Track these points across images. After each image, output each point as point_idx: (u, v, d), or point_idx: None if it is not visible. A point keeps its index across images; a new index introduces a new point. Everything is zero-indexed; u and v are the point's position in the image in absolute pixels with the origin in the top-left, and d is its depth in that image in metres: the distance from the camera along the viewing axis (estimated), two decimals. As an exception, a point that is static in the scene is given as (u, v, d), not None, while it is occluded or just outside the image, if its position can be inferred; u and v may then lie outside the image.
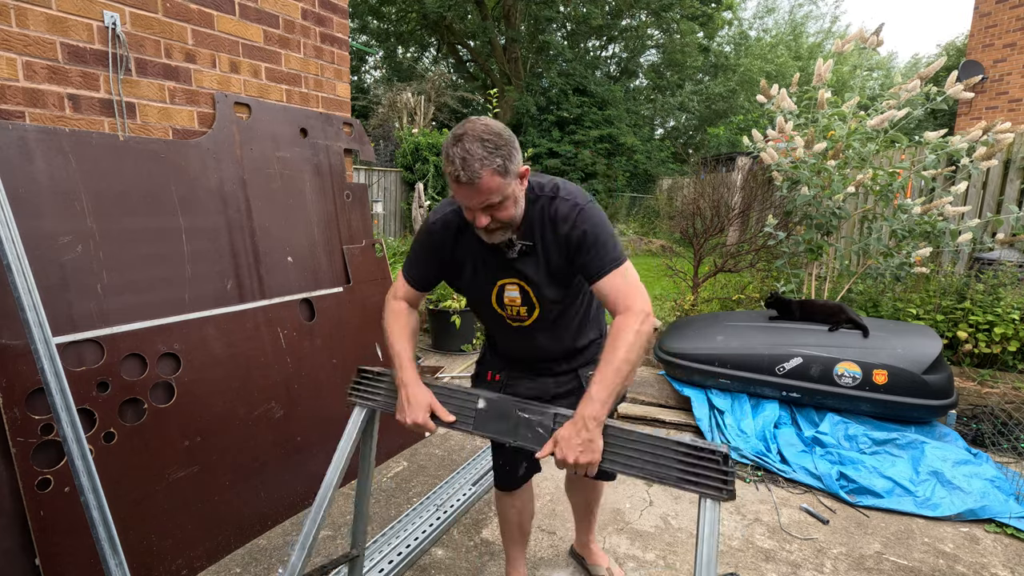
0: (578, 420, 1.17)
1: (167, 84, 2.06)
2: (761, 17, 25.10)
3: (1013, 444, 2.85)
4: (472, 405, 1.34)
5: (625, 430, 1.16)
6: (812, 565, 2.08)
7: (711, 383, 3.18)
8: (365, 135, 2.91)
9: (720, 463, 1.08)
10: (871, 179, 3.48)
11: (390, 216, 10.37)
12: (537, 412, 1.25)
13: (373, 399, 1.49)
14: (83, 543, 1.65)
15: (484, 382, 1.65)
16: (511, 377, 1.62)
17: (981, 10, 7.30)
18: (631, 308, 1.26)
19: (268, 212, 2.37)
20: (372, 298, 2.84)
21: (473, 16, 17.44)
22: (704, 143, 17.56)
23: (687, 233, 4.68)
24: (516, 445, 1.26)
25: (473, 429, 1.32)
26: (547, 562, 2.07)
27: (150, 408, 1.87)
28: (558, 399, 1.55)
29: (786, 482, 2.66)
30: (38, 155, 1.68)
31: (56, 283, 1.69)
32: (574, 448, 1.15)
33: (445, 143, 1.21)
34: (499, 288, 1.45)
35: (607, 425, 1.18)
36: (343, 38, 2.80)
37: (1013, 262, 3.83)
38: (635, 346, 1.21)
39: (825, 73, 3.63)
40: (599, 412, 1.17)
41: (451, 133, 1.22)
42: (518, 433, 1.25)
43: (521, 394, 1.47)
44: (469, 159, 1.16)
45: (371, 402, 1.49)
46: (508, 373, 1.62)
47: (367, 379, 1.53)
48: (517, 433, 1.25)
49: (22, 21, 1.67)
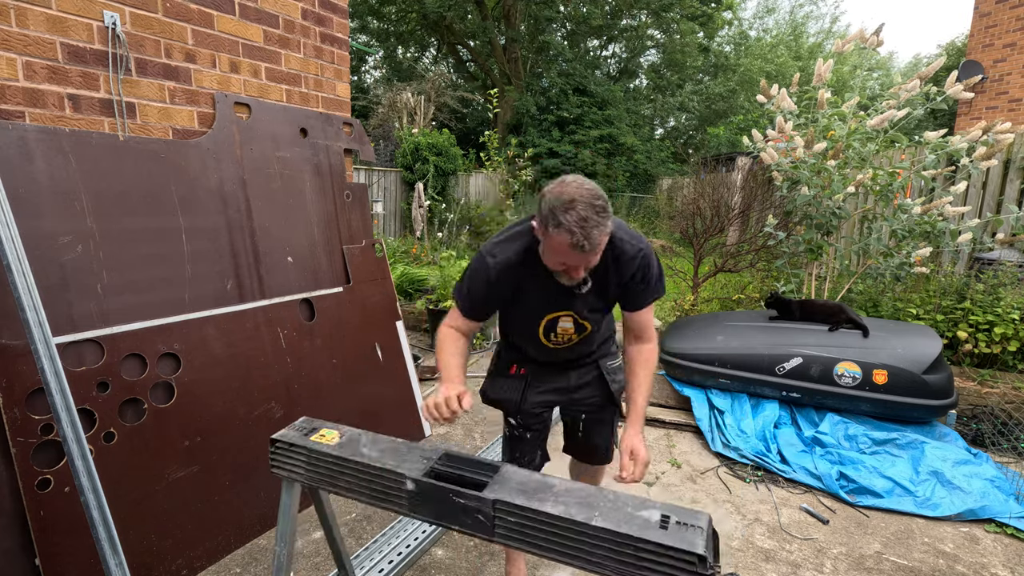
0: (639, 433, 1.49)
1: (167, 84, 2.06)
2: (761, 17, 25.10)
3: (1013, 444, 2.85)
4: (401, 486, 1.14)
5: (579, 523, 0.97)
6: (812, 565, 2.08)
7: (711, 383, 3.18)
8: (365, 135, 2.91)
9: (695, 566, 0.88)
10: (871, 179, 3.48)
11: (390, 216, 10.37)
12: (474, 499, 1.06)
13: (294, 472, 1.30)
14: (83, 543, 1.65)
15: (507, 375, 1.71)
16: (536, 372, 1.69)
17: (981, 10, 7.30)
18: (653, 339, 1.59)
19: (268, 212, 2.37)
20: (372, 298, 2.84)
21: (473, 16, 17.43)
22: (704, 143, 17.56)
23: (687, 233, 4.67)
24: (455, 530, 1.14)
25: (409, 512, 1.15)
26: (547, 562, 2.07)
27: (150, 408, 1.87)
28: (580, 389, 1.72)
29: (786, 482, 2.66)
30: (38, 155, 1.68)
31: (56, 283, 1.69)
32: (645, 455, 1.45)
33: (553, 206, 1.22)
34: (549, 321, 1.53)
35: (559, 517, 1.01)
36: (343, 38, 2.80)
37: (1013, 262, 3.83)
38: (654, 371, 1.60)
39: (825, 73, 3.63)
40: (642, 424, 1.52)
41: (556, 197, 1.22)
42: (457, 519, 1.09)
43: (546, 384, 1.68)
44: (588, 227, 1.20)
45: (295, 476, 1.31)
46: (533, 368, 1.69)
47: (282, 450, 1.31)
48: (456, 518, 1.09)
49: (22, 21, 1.67)
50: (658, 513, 0.96)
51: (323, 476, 1.23)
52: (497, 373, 1.74)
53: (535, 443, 1.74)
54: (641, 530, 0.93)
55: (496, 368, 1.76)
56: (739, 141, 12.00)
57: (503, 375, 1.71)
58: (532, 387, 1.67)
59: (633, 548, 0.93)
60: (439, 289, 4.64)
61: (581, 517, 0.97)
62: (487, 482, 1.09)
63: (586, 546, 0.97)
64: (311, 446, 1.24)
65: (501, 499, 1.04)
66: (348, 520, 2.26)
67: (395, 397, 2.87)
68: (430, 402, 1.30)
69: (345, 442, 1.25)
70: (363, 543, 2.13)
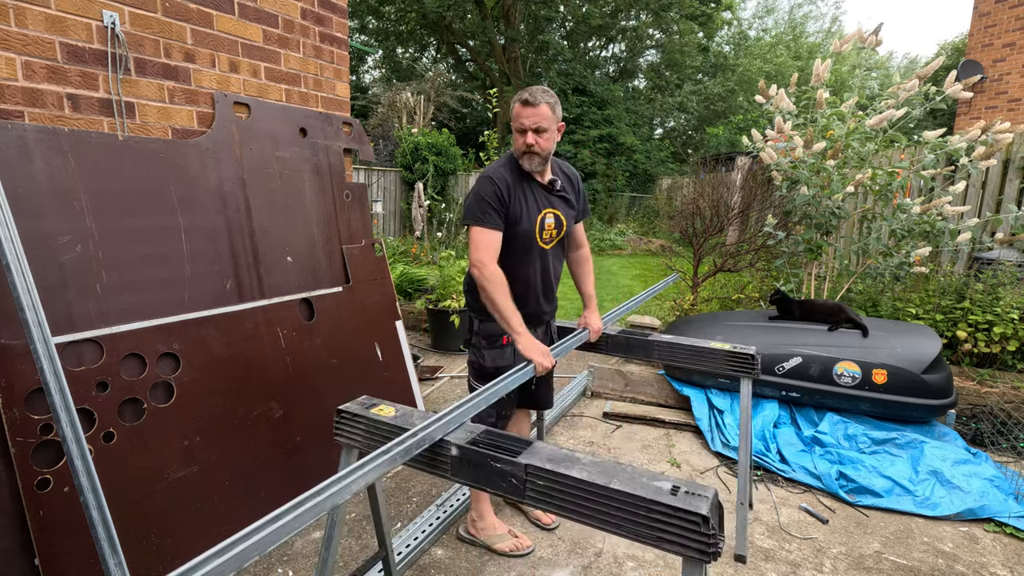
0: (594, 311, 2.26)
1: (166, 84, 2.06)
2: (760, 17, 25.13)
3: (1012, 443, 2.85)
4: (447, 452, 1.31)
5: (600, 486, 1.10)
6: (812, 564, 2.08)
7: (711, 382, 3.18)
8: (364, 135, 2.91)
9: (699, 526, 0.98)
10: (870, 179, 3.48)
11: (389, 216, 10.37)
12: (508, 464, 1.22)
13: (354, 439, 1.46)
14: (83, 543, 1.65)
15: (500, 346, 1.99)
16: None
17: (980, 10, 7.31)
18: (586, 244, 2.27)
19: (267, 212, 2.36)
20: (372, 298, 2.84)
21: (472, 16, 17.43)
22: (703, 143, 17.56)
23: (687, 233, 4.68)
24: (490, 492, 1.30)
25: (451, 475, 1.31)
26: (547, 562, 2.07)
27: (149, 408, 1.87)
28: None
29: (785, 481, 2.66)
30: (37, 155, 1.68)
31: (55, 283, 1.69)
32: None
33: (516, 96, 1.84)
34: (542, 217, 1.95)
35: (583, 480, 1.14)
36: (342, 38, 2.80)
37: (1012, 261, 3.83)
38: None
39: (824, 73, 3.63)
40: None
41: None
42: (492, 482, 1.25)
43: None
44: (535, 91, 1.80)
45: (355, 443, 1.46)
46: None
47: (346, 420, 1.48)
48: (492, 481, 1.25)
49: (21, 21, 1.67)
50: (669, 484, 1.09)
51: (379, 444, 1.35)
52: (488, 345, 2.01)
53: (512, 397, 2.02)
54: (654, 494, 1.05)
55: (486, 341, 2.01)
56: (738, 141, 12.01)
57: (496, 346, 2.00)
58: (517, 351, 1.87)
59: (646, 510, 1.04)
60: (439, 289, 4.63)
61: (602, 482, 1.11)
62: (521, 451, 1.24)
63: (605, 507, 1.10)
64: (372, 416, 1.42)
65: (532, 464, 1.19)
66: (348, 520, 2.26)
67: (395, 397, 2.86)
68: (544, 364, 1.76)
69: (400, 415, 1.42)
70: (363, 543, 2.13)
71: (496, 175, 1.88)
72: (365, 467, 1.12)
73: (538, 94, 1.79)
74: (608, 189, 14.84)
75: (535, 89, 1.81)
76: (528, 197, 1.93)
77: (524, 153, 1.86)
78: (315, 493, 1.02)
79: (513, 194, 1.88)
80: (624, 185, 15.22)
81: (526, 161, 1.87)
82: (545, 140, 1.83)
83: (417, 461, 1.33)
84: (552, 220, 1.99)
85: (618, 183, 14.99)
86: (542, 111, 1.79)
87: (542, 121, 1.80)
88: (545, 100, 1.79)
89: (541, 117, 1.79)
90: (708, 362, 2.19)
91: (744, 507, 2.10)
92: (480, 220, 1.83)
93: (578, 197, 2.11)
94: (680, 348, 2.24)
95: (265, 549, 0.91)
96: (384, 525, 1.69)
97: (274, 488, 2.21)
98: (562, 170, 2.06)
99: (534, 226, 1.95)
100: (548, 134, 1.83)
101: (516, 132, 1.86)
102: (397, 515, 2.33)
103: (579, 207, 2.12)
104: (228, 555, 0.86)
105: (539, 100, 1.78)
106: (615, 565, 2.04)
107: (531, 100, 1.78)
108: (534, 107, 1.78)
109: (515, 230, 1.91)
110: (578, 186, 2.11)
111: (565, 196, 2.03)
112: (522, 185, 1.91)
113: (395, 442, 1.23)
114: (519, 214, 1.90)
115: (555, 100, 1.84)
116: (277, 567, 1.99)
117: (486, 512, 2.13)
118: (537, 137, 1.82)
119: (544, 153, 1.86)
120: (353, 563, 2.01)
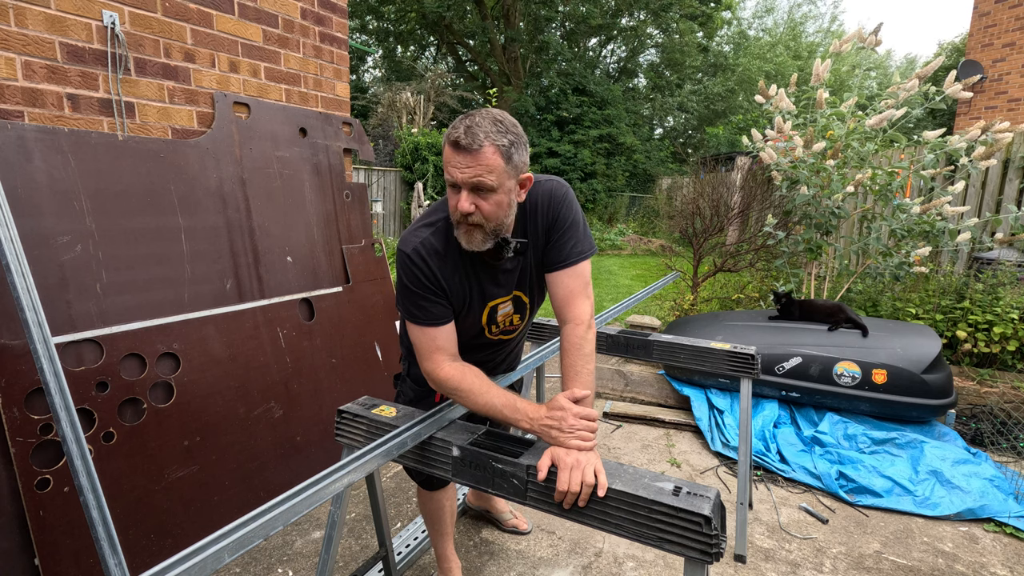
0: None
1: (166, 84, 2.06)
2: (760, 17, 25.13)
3: (1012, 443, 2.85)
4: (448, 453, 1.26)
5: (608, 488, 1.08)
6: (811, 564, 2.08)
7: (711, 382, 3.18)
8: (364, 135, 2.91)
9: (701, 527, 0.97)
10: (870, 179, 3.48)
11: (389, 216, 10.37)
12: (510, 464, 1.17)
13: (355, 439, 1.43)
14: (83, 543, 1.65)
15: (432, 403, 1.46)
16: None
17: (980, 10, 7.31)
18: (582, 317, 1.28)
19: (267, 212, 2.36)
20: (372, 298, 2.84)
21: (472, 15, 17.44)
22: (703, 143, 17.57)
23: (686, 233, 4.68)
24: (491, 493, 1.21)
25: (453, 476, 1.27)
26: (547, 562, 2.07)
27: (149, 408, 1.87)
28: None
29: (785, 481, 2.66)
30: (37, 155, 1.68)
31: (55, 283, 1.69)
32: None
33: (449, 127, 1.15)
34: (491, 308, 1.37)
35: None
36: (342, 37, 2.80)
37: (1012, 261, 3.83)
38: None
39: (823, 73, 3.63)
40: None
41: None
42: (494, 483, 1.20)
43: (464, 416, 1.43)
44: (475, 128, 1.09)
45: (356, 443, 1.43)
46: None
47: (347, 420, 1.44)
48: (493, 482, 1.20)
49: (21, 20, 1.67)
50: (671, 484, 1.06)
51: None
52: (417, 398, 1.57)
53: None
54: (656, 495, 1.03)
55: (417, 396, 1.57)
56: (738, 141, 12.01)
57: (428, 402, 1.51)
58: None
59: (648, 511, 1.02)
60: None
61: None
62: (522, 452, 1.21)
63: (606, 508, 1.07)
64: (373, 416, 1.39)
65: (534, 464, 1.14)
66: (348, 520, 2.26)
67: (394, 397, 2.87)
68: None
69: (401, 416, 1.40)
70: (363, 543, 2.13)
71: (416, 250, 1.24)
72: (362, 458, 1.12)
73: (480, 130, 1.09)
74: (608, 189, 14.84)
75: (480, 119, 1.10)
76: (470, 278, 1.30)
77: (459, 223, 1.18)
78: (313, 482, 1.03)
79: (447, 274, 1.27)
80: (624, 185, 15.22)
81: (463, 237, 1.20)
82: (492, 204, 1.14)
83: (418, 461, 1.32)
84: (510, 307, 1.39)
85: (618, 183, 15.00)
86: (483, 158, 1.09)
87: (485, 175, 1.10)
88: (492, 141, 1.09)
89: (483, 167, 1.10)
90: (708, 362, 2.18)
91: (744, 507, 2.10)
92: (415, 317, 1.27)
93: (549, 227, 1.30)
94: (680, 348, 2.23)
95: (267, 534, 0.93)
96: (384, 525, 1.69)
97: (274, 488, 2.21)
98: (529, 204, 1.29)
99: (480, 320, 1.37)
100: (497, 195, 1.14)
101: (448, 187, 1.18)
102: (397, 515, 2.33)
103: (560, 255, 1.30)
104: (227, 540, 0.89)
105: (479, 141, 1.08)
106: (615, 565, 2.04)
107: (464, 141, 1.08)
108: (469, 153, 1.09)
109: (456, 322, 1.34)
110: (557, 221, 1.30)
111: (527, 257, 1.33)
112: (461, 260, 1.28)
113: (391, 434, 1.24)
114: (461, 302, 1.32)
115: (515, 138, 1.13)
116: (277, 567, 1.99)
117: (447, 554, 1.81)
118: (479, 200, 1.13)
119: (492, 225, 1.18)
120: (353, 563, 2.01)
